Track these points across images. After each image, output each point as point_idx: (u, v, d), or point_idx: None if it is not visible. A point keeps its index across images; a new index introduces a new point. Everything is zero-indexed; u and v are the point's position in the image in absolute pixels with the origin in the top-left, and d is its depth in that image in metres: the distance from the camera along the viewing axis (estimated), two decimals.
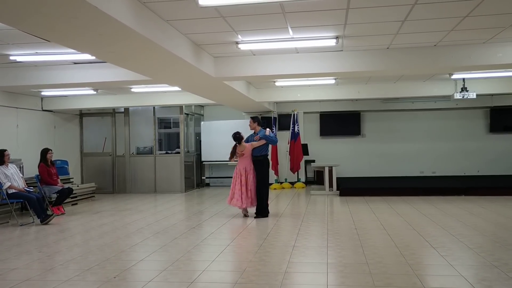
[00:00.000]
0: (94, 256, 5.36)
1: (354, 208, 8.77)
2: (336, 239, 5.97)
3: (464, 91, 9.43)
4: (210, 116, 14.47)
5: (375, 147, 13.85)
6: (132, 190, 12.81)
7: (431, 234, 6.18)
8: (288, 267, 4.65)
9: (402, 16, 5.10)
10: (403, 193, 10.37)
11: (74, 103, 11.60)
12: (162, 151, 13.25)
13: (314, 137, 14.08)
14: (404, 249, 5.34)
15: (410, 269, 4.51)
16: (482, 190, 10.26)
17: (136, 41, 4.56)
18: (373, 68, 6.72)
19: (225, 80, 7.26)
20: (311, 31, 5.68)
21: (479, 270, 4.50)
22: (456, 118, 13.52)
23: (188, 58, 5.74)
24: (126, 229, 7.15)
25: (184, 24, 5.19)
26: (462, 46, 6.55)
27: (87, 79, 7.26)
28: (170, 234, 6.57)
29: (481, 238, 5.87)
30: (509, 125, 13.23)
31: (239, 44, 6.05)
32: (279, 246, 5.65)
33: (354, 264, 4.75)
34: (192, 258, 5.24)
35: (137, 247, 5.85)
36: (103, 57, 5.42)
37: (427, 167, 13.65)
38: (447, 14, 5.14)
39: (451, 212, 7.98)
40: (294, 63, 6.81)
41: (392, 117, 13.82)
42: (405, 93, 10.90)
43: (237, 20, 5.13)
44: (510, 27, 5.68)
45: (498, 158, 13.27)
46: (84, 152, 13.06)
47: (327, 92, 10.99)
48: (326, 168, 11.37)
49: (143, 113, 13.15)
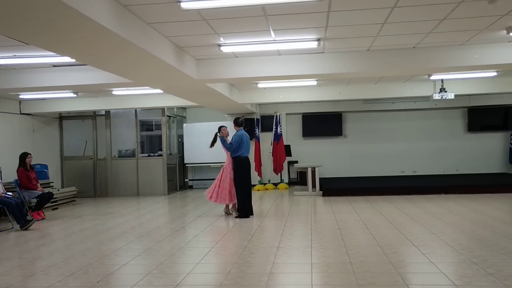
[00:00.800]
0: (76, 261, 5.30)
1: (337, 208, 8.85)
2: (320, 239, 6.02)
3: (442, 92, 9.60)
4: (193, 118, 14.42)
5: (357, 148, 14.00)
6: (114, 194, 12.68)
7: (412, 232, 6.28)
8: (272, 268, 4.68)
9: (382, 18, 5.18)
10: (385, 193, 10.51)
11: (54, 106, 11.43)
12: (145, 153, 13.14)
13: (296, 138, 14.16)
14: (386, 248, 5.42)
15: (392, 267, 4.58)
16: (461, 188, 10.47)
17: (117, 44, 4.52)
18: (354, 69, 6.80)
19: (208, 82, 7.25)
20: (293, 34, 5.73)
21: (459, 267, 4.59)
22: (435, 118, 13.76)
23: (170, 60, 5.72)
24: (109, 233, 7.08)
25: (166, 27, 5.18)
26: (440, 48, 6.68)
27: (67, 82, 7.16)
28: (154, 237, 6.53)
29: (460, 236, 5.99)
30: (486, 125, 13.52)
31: (221, 46, 6.06)
32: (263, 247, 5.67)
33: (337, 264, 4.80)
34: (176, 261, 5.22)
35: (120, 251, 5.80)
36: (84, 60, 5.37)
37: (408, 167, 13.85)
38: (426, 17, 5.24)
39: (432, 210, 8.12)
40: (276, 65, 6.85)
41: (373, 117, 13.99)
42: (386, 94, 11.05)
43: (220, 23, 5.14)
44: (486, 29, 5.82)
45: (476, 157, 13.55)
46: (64, 156, 12.87)
47: (309, 94, 11.07)
48: (309, 168, 11.45)
49: (124, 115, 13.03)
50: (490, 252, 5.06)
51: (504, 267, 4.47)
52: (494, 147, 13.59)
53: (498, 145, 13.59)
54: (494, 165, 13.52)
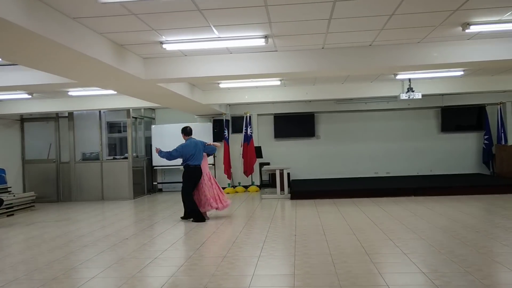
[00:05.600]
0: (5, 275, 4.91)
1: (301, 212, 8.55)
2: (271, 247, 5.72)
3: (410, 92, 9.36)
4: (162, 119, 14.01)
5: (330, 149, 13.73)
6: (77, 198, 12.23)
7: (369, 238, 6.00)
8: (209, 282, 4.35)
9: (326, 14, 4.86)
10: (354, 195, 10.25)
11: (12, 107, 10.97)
12: (110, 156, 12.70)
13: (268, 139, 13.84)
14: (337, 256, 5.13)
15: (336, 279, 4.28)
16: (431, 190, 10.26)
17: (30, 39, 4.11)
18: (308, 68, 6.48)
19: (157, 82, 6.88)
20: (237, 30, 5.39)
21: (408, 277, 4.32)
22: (409, 118, 13.55)
23: (107, 59, 5.34)
24: (53, 242, 6.69)
25: (94, 22, 4.79)
26: (397, 46, 6.40)
27: (7, 83, 6.73)
28: (98, 247, 6.16)
29: (416, 243, 5.71)
30: (460, 125, 13.35)
31: (163, 44, 5.69)
32: (210, 257, 5.34)
33: (281, 276, 4.49)
34: (111, 275, 4.86)
35: (56, 263, 5.39)
36: (8, 58, 4.97)
37: (381, 168, 13.61)
38: (373, 13, 4.95)
39: (396, 214, 7.86)
40: (226, 64, 6.50)
41: (346, 118, 13.73)
42: (354, 94, 10.79)
43: (152, 18, 4.78)
44: (440, 26, 5.55)
45: (450, 157, 13.37)
46: (26, 160, 12.39)
47: (275, 94, 10.76)
48: (277, 171, 11.14)
49: (89, 117, 12.57)
50: (443, 261, 4.79)
51: (454, 277, 4.20)
52: (468, 147, 13.42)
53: (472, 145, 13.42)
54: (468, 166, 13.34)
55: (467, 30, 5.55)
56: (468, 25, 5.44)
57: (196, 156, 7.95)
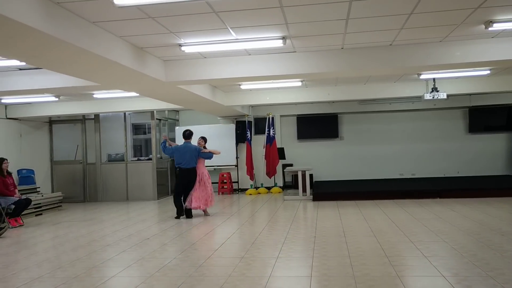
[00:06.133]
0: (28, 273, 5.06)
1: (323, 213, 8.49)
2: (290, 249, 5.70)
3: (434, 92, 9.16)
4: (186, 121, 14.15)
5: (354, 150, 13.58)
6: (103, 199, 12.48)
7: (390, 241, 5.91)
8: (226, 283, 4.37)
9: (343, 14, 4.82)
10: (377, 197, 10.09)
11: (41, 110, 11.28)
12: (135, 158, 12.91)
13: (291, 141, 13.79)
14: (356, 259, 5.08)
15: (353, 281, 4.24)
16: (456, 192, 10.01)
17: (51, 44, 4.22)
18: (328, 69, 6.43)
19: (178, 84, 6.96)
20: (254, 32, 5.40)
21: (428, 281, 4.23)
22: (434, 118, 13.27)
23: (127, 62, 5.44)
24: (78, 241, 6.84)
25: (114, 26, 4.89)
26: (418, 45, 6.28)
27: (34, 86, 6.94)
28: (120, 247, 6.27)
29: (438, 246, 5.59)
30: (489, 125, 12.99)
31: (182, 46, 5.76)
32: (228, 258, 5.37)
33: (297, 278, 4.47)
34: (132, 274, 4.94)
35: (78, 262, 5.52)
36: (32, 62, 5.12)
37: (406, 169, 13.38)
38: (390, 12, 4.87)
39: (420, 216, 7.71)
40: (245, 66, 6.52)
41: (370, 118, 13.55)
42: (377, 95, 10.65)
43: (169, 21, 4.84)
44: (462, 24, 5.42)
45: (478, 159, 13.03)
46: (54, 160, 12.72)
47: (296, 95, 10.72)
48: (299, 172, 11.10)
49: (115, 119, 12.81)
50: (465, 265, 4.67)
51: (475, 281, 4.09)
52: (496, 148, 13.05)
53: (501, 146, 13.04)
54: (496, 167, 12.97)
55: (490, 28, 5.41)
56: (491, 23, 5.29)
57: (187, 160, 8.50)
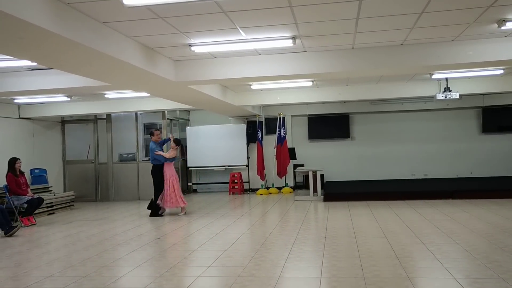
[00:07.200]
0: (38, 272, 5.10)
1: (333, 214, 8.45)
2: (300, 249, 5.68)
3: (446, 91, 9.06)
4: (197, 121, 14.20)
5: (365, 150, 13.50)
6: (115, 198, 12.58)
7: (401, 242, 5.85)
8: (235, 281, 4.37)
9: (353, 13, 4.79)
10: (389, 197, 10.01)
11: (53, 110, 11.40)
12: (146, 157, 12.98)
13: (302, 141, 13.76)
14: (366, 260, 5.03)
15: (363, 282, 4.20)
16: (469, 193, 9.88)
17: (65, 45, 4.28)
18: (338, 69, 6.40)
19: (188, 84, 6.98)
20: (264, 32, 5.39)
21: (438, 283, 4.18)
22: (447, 119, 13.13)
23: (138, 62, 5.47)
24: (89, 240, 6.90)
25: (124, 26, 4.91)
26: (430, 44, 6.21)
27: (46, 86, 7.01)
28: (130, 246, 6.30)
29: (450, 247, 5.52)
30: (503, 125, 12.82)
31: (192, 46, 5.77)
32: (238, 258, 5.37)
33: (307, 279, 4.45)
34: (140, 273, 4.96)
35: (88, 261, 5.56)
36: (43, 63, 5.17)
37: (418, 170, 13.27)
38: (400, 11, 4.83)
39: (431, 217, 7.63)
40: (255, 65, 6.51)
41: (382, 118, 13.46)
42: (388, 94, 10.57)
43: (179, 21, 4.85)
44: (475, 23, 5.35)
45: (491, 159, 12.86)
46: (66, 160, 12.85)
47: (307, 95, 10.68)
48: (310, 172, 11.06)
49: (126, 119, 12.90)
50: (477, 267, 4.61)
51: (487, 283, 4.03)
52: (510, 148, 12.86)
53: None
54: (510, 168, 12.77)
55: (503, 27, 5.33)
56: (504, 21, 5.22)
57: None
